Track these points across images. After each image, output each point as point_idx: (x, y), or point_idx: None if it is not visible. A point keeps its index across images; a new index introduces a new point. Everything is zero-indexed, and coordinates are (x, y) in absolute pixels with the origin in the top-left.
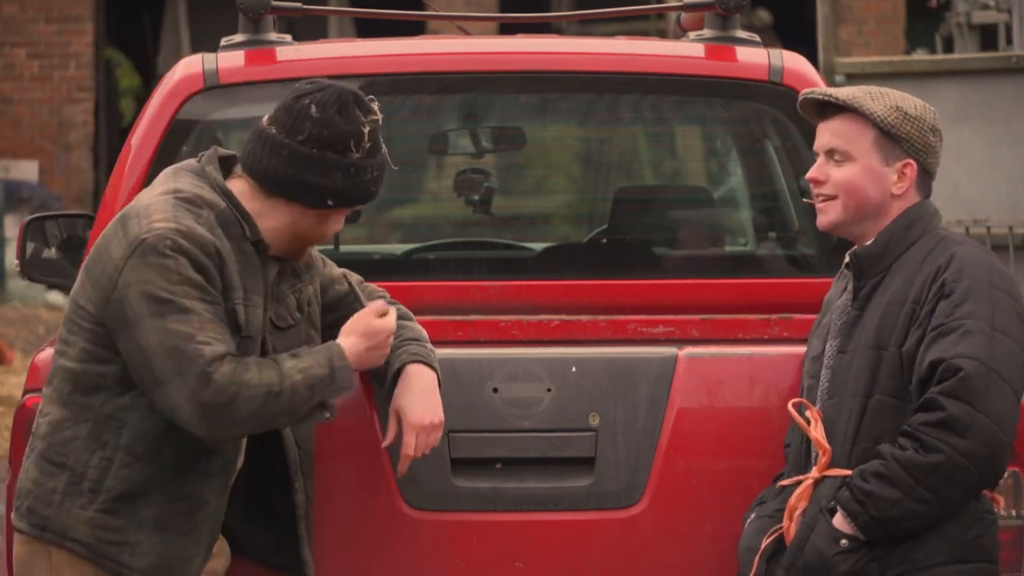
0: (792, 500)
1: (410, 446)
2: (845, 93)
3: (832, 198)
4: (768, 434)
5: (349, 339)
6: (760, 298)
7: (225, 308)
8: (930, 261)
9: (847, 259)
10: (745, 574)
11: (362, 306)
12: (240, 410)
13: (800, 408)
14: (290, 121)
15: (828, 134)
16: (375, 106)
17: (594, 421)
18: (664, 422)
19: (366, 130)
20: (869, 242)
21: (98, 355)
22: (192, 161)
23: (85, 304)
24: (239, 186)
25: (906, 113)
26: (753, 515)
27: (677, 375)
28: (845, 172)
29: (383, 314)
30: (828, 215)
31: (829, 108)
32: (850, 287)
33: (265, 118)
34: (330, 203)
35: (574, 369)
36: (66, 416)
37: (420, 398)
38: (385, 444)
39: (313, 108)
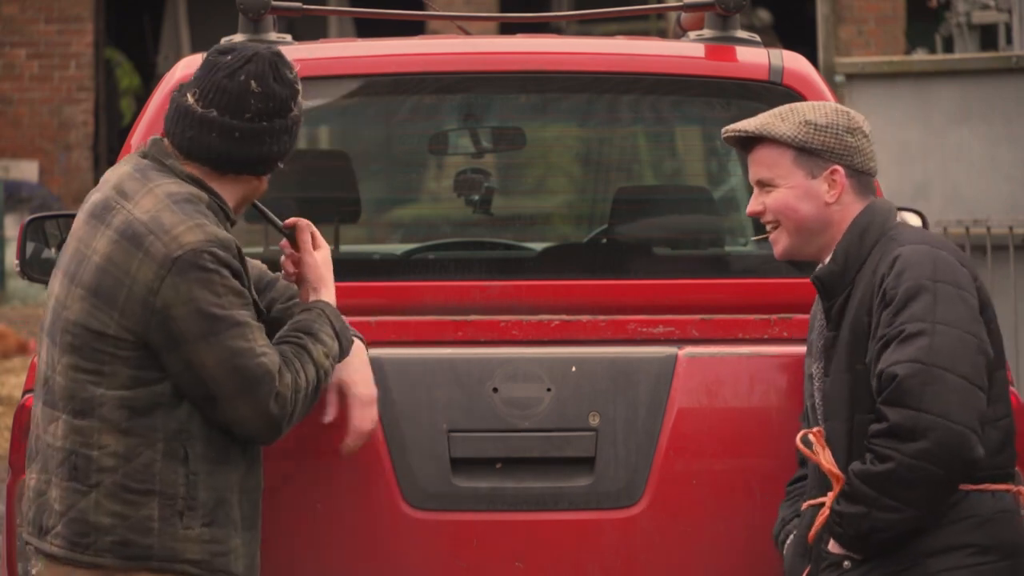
0: (815, 527)
1: (356, 419)
2: (754, 123)
3: (776, 226)
4: (768, 434)
5: (326, 290)
6: (760, 298)
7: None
8: (878, 270)
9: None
10: None
11: (277, 227)
12: (298, 413)
13: (804, 439)
14: (230, 102)
15: (754, 166)
16: (284, 50)
17: (594, 421)
18: (664, 422)
19: (298, 86)
20: (827, 260)
21: (149, 378)
22: (138, 158)
23: (117, 333)
24: (195, 173)
25: (815, 124)
26: (795, 533)
27: (677, 375)
28: (776, 197)
29: (315, 236)
30: (779, 244)
31: (749, 141)
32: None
33: (192, 98)
34: (280, 164)
35: (574, 369)
36: (134, 443)
37: (358, 370)
38: (328, 420)
39: (253, 83)
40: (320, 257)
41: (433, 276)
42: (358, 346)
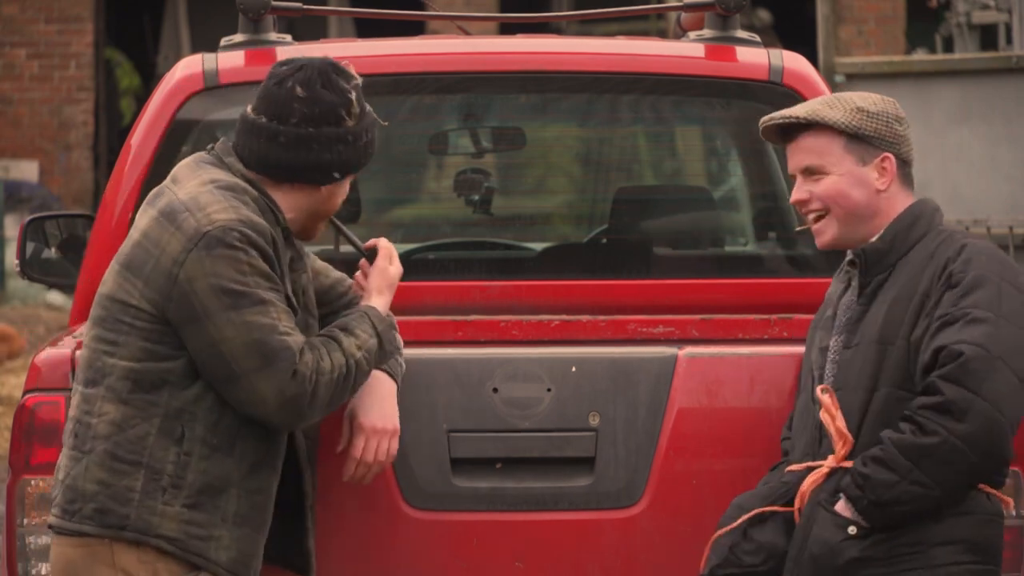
0: (805, 486)
1: (358, 448)
2: (804, 110)
3: (824, 214)
4: (768, 434)
5: (380, 298)
6: (760, 298)
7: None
8: (939, 254)
9: (849, 256)
10: (724, 524)
11: (356, 248)
12: (320, 397)
13: (822, 393)
14: (277, 107)
15: (800, 154)
16: (352, 70)
17: (594, 421)
18: (664, 422)
19: (353, 96)
20: (874, 239)
21: (159, 353)
22: (203, 154)
23: (139, 303)
24: (252, 177)
25: (867, 111)
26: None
27: (677, 375)
28: (827, 184)
29: (391, 256)
30: (826, 233)
31: (793, 129)
32: (855, 283)
33: (249, 108)
34: (336, 175)
35: (574, 369)
36: (131, 414)
37: (375, 403)
38: (339, 450)
39: (298, 88)
40: (391, 271)
41: (433, 276)
42: (378, 379)
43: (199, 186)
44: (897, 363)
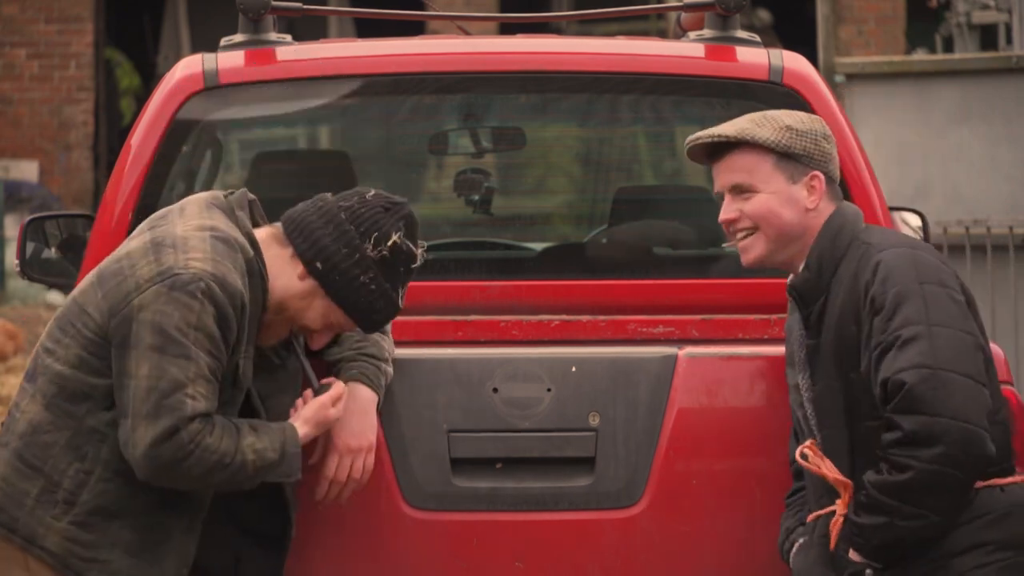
0: (832, 545)
1: (331, 468)
2: (733, 129)
3: (752, 232)
4: (768, 434)
5: (305, 428)
6: (760, 298)
7: (231, 362)
8: (860, 276)
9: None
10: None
11: (311, 384)
12: (190, 469)
13: (802, 455)
14: (372, 229)
15: (728, 172)
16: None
17: (594, 421)
18: (664, 422)
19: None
20: (801, 268)
21: (92, 365)
22: (220, 195)
23: (92, 312)
24: (261, 234)
25: (796, 130)
26: (801, 540)
27: (677, 375)
28: (757, 203)
29: (336, 400)
30: (753, 250)
31: (720, 147)
32: (799, 315)
33: (339, 201)
34: (325, 285)
35: (574, 369)
36: (47, 420)
37: (351, 420)
38: (311, 462)
39: (397, 236)
40: (329, 412)
41: (433, 276)
42: (357, 393)
43: (197, 229)
44: (862, 395)
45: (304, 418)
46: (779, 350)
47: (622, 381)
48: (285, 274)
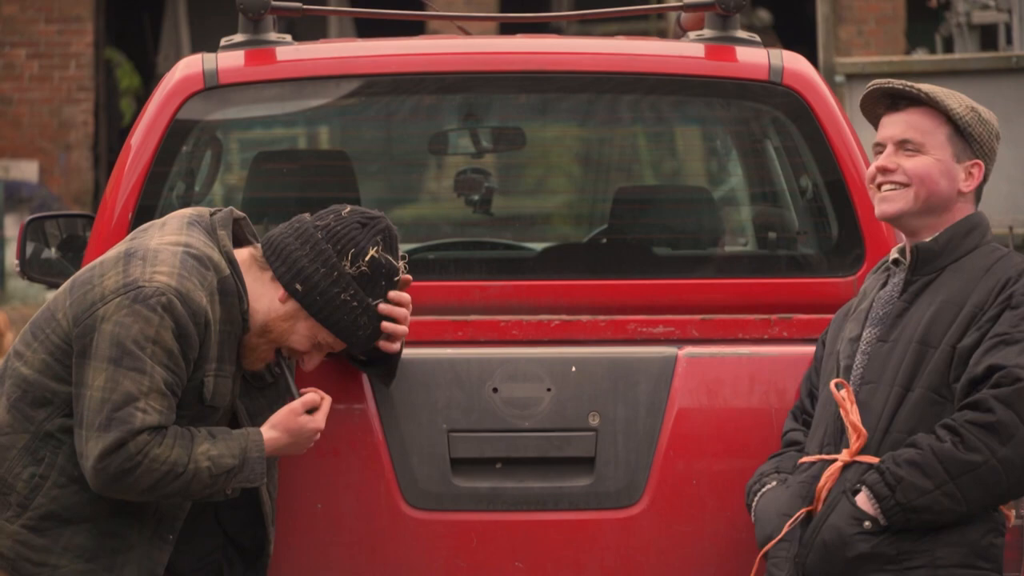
0: (821, 483)
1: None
2: (927, 88)
3: (901, 187)
4: (768, 434)
5: (273, 432)
6: (760, 298)
7: (193, 379)
8: (998, 271)
9: (893, 255)
10: (771, 535)
11: (292, 394)
12: (139, 480)
13: (838, 386)
14: (348, 247)
15: (902, 125)
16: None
17: (594, 421)
18: (664, 422)
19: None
20: (928, 239)
21: (56, 371)
22: (205, 213)
23: (60, 318)
24: (242, 255)
25: (980, 115)
26: (773, 483)
27: (677, 375)
28: (920, 162)
29: (313, 408)
30: (895, 203)
31: (901, 100)
32: (899, 279)
33: (315, 220)
34: (307, 306)
35: (574, 369)
36: (8, 422)
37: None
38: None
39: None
40: (301, 420)
41: (433, 276)
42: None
43: (172, 244)
44: (937, 367)
45: (272, 423)
46: (779, 350)
47: (622, 381)
48: (267, 297)
